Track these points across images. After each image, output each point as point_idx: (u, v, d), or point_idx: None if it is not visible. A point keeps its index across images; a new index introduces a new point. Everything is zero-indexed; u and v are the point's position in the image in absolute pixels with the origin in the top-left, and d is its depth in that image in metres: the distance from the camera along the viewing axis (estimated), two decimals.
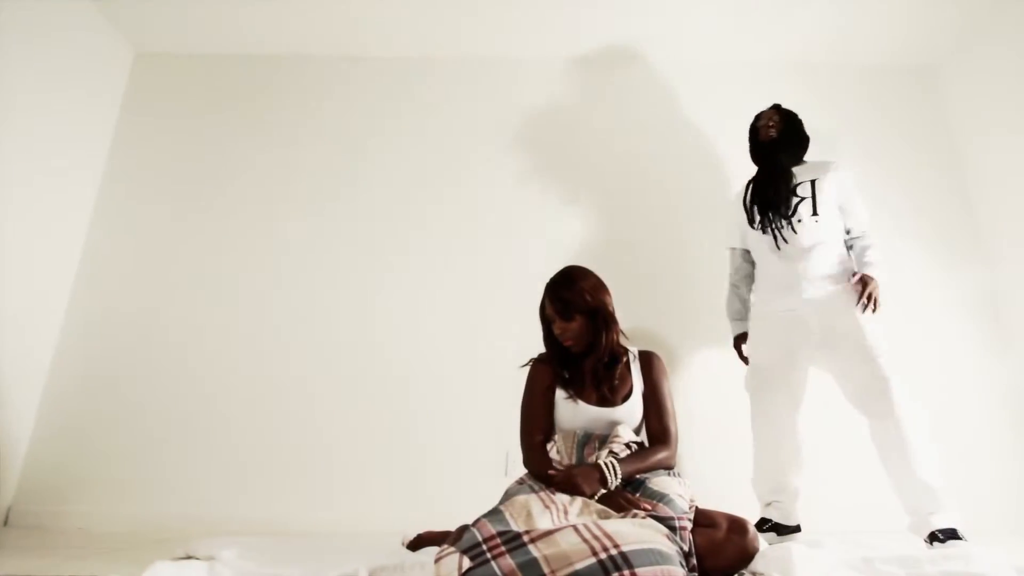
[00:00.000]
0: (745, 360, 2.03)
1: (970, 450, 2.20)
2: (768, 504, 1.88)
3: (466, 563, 0.96)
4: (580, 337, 1.54)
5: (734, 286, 2.13)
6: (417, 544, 1.49)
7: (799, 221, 1.92)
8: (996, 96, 2.48)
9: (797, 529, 1.86)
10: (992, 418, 2.26)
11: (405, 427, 2.25)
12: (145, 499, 2.15)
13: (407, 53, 2.75)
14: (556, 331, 1.56)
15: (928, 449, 1.66)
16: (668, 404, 1.56)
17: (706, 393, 2.25)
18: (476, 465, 2.17)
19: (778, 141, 2.01)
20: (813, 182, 1.95)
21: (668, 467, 1.46)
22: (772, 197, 1.95)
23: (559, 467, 1.39)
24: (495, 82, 2.74)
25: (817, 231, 1.90)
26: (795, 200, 1.94)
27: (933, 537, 1.56)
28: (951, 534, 1.54)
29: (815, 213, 1.92)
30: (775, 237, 1.93)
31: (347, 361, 2.33)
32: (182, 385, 2.30)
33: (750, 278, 2.10)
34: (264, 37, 2.69)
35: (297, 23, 2.61)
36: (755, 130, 2.10)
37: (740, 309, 2.10)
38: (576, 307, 1.52)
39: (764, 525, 1.85)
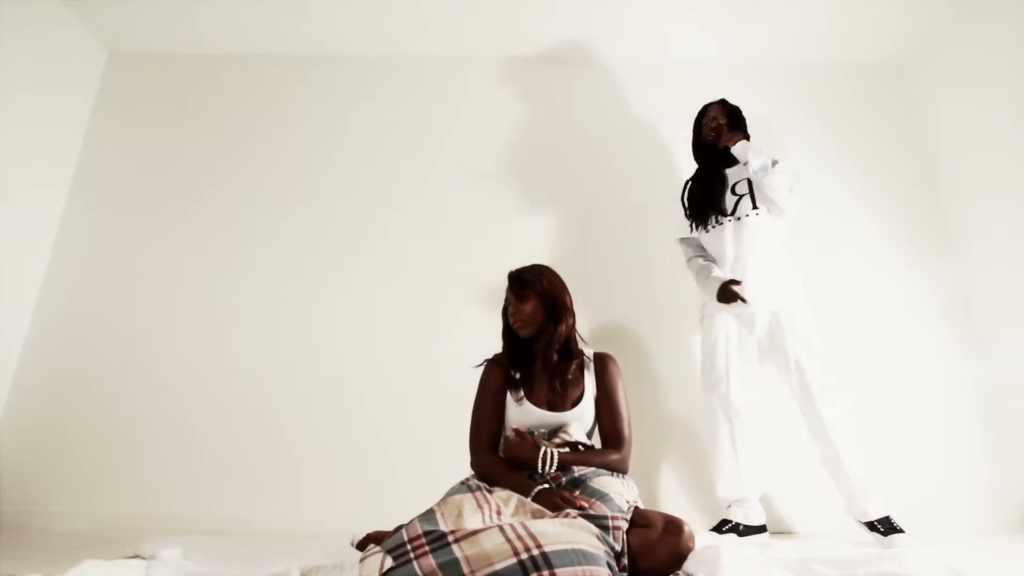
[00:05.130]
0: (743, 299, 1.88)
1: (940, 448, 2.21)
2: (729, 506, 1.89)
3: (388, 563, 0.97)
4: (531, 320, 1.54)
5: (695, 257, 2.05)
6: (366, 544, 1.50)
7: (738, 219, 1.96)
8: (966, 95, 2.50)
9: (762, 529, 1.86)
10: (962, 416, 2.27)
11: (370, 427, 2.24)
12: (110, 499, 2.14)
13: (373, 53, 2.76)
14: (510, 314, 1.57)
15: (854, 445, 1.78)
16: (622, 407, 1.56)
17: (677, 393, 2.26)
18: (440, 465, 2.15)
19: (717, 143, 2.07)
20: (750, 179, 1.98)
21: (618, 470, 1.46)
22: (702, 199, 2.02)
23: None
24: (460, 82, 2.75)
25: (758, 225, 1.93)
26: (733, 199, 1.97)
27: (872, 527, 1.70)
28: (886, 523, 1.69)
29: (755, 207, 1.95)
30: (722, 236, 1.97)
31: (313, 361, 2.32)
32: (148, 385, 2.29)
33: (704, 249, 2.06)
34: (237, 37, 2.69)
35: (269, 23, 2.61)
36: (699, 126, 2.15)
37: (709, 264, 1.98)
38: (532, 287, 1.55)
39: (724, 526, 1.85)
